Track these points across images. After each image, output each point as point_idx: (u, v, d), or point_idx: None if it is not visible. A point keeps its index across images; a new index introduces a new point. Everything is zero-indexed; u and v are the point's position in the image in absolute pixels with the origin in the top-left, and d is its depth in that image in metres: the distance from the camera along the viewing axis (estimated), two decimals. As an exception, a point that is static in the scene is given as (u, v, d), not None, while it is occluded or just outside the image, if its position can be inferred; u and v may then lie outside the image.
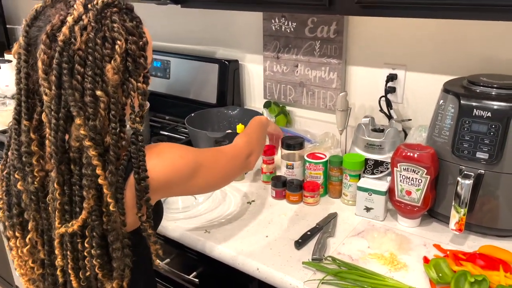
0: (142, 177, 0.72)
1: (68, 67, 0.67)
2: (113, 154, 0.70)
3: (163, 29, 1.93)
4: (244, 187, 1.33)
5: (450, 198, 1.02)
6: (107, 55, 0.69)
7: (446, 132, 1.04)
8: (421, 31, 1.28)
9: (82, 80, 0.68)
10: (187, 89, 1.81)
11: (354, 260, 0.97)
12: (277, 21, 1.53)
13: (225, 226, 1.13)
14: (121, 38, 0.69)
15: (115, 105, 0.70)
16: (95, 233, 0.70)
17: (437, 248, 1.00)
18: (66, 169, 0.70)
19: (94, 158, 0.68)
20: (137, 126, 0.73)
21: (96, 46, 0.68)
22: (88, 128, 0.68)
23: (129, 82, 0.71)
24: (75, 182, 0.70)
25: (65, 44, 0.67)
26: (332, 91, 1.48)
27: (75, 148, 0.69)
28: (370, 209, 1.13)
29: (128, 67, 0.71)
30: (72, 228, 0.70)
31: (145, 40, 0.73)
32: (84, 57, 0.67)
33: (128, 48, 0.71)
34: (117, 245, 0.72)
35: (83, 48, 0.67)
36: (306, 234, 1.06)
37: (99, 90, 0.68)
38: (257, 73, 1.69)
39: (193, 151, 0.84)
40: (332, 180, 1.24)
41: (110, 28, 0.69)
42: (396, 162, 1.07)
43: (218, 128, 1.62)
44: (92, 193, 0.69)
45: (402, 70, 1.34)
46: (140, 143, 0.73)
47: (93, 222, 0.70)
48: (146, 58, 0.74)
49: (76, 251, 0.72)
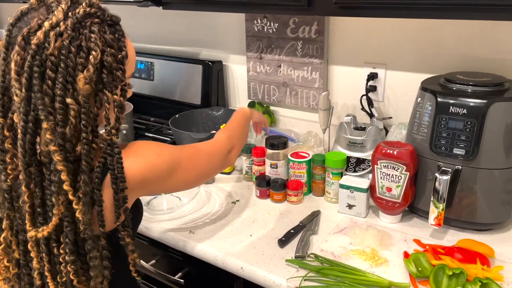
0: (120, 188, 0.72)
1: (39, 71, 0.67)
2: (85, 163, 0.70)
3: (146, 31, 1.92)
4: (229, 186, 1.33)
5: (429, 194, 1.05)
6: (80, 64, 0.68)
7: (424, 129, 1.06)
8: (400, 31, 1.30)
9: (53, 86, 0.67)
10: (171, 90, 1.81)
11: (337, 257, 0.99)
12: (259, 21, 1.54)
13: (209, 226, 1.14)
14: (96, 48, 0.69)
15: (85, 114, 0.69)
16: (68, 240, 0.70)
17: (417, 243, 1.02)
18: (37, 172, 0.70)
19: (59, 163, 0.68)
20: (112, 138, 0.72)
21: (70, 54, 0.68)
22: (56, 134, 0.67)
23: (103, 93, 0.71)
24: (46, 186, 0.70)
25: (38, 48, 0.67)
26: (315, 91, 1.50)
27: (45, 152, 0.69)
28: (352, 206, 1.14)
29: (103, 78, 0.71)
30: (42, 233, 0.69)
31: (124, 53, 0.73)
32: (56, 63, 0.67)
33: (104, 59, 0.70)
34: (94, 253, 0.72)
35: (56, 54, 0.67)
36: (289, 232, 1.07)
37: (70, 98, 0.68)
38: (240, 73, 1.70)
39: (170, 148, 0.84)
40: (316, 179, 1.25)
41: (87, 38, 0.69)
42: (376, 159, 1.09)
43: (203, 129, 1.63)
44: (61, 200, 0.69)
45: (382, 69, 1.36)
46: (117, 155, 0.73)
47: (65, 229, 0.70)
48: (124, 72, 0.73)
49: (52, 254, 0.72)
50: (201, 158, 0.91)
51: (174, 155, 0.83)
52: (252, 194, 1.29)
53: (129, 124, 1.54)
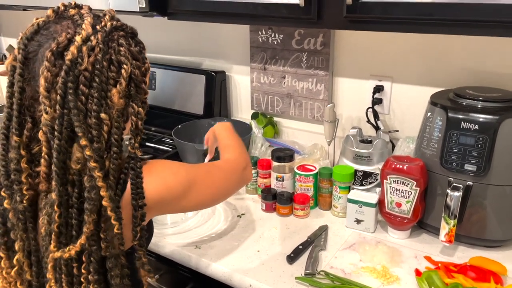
0: (140, 204, 0.71)
1: (73, 87, 0.66)
2: (112, 179, 0.68)
3: (149, 40, 1.89)
4: (232, 199, 1.32)
5: (439, 209, 1.04)
6: (112, 78, 0.68)
7: (434, 144, 1.05)
8: (407, 44, 1.30)
9: (86, 101, 0.67)
10: (173, 100, 1.79)
11: (347, 274, 0.97)
12: (264, 33, 1.53)
13: (215, 241, 1.11)
14: (127, 62, 0.69)
15: (118, 129, 0.69)
16: (93, 259, 0.69)
17: (428, 260, 1.01)
18: (64, 191, 0.68)
19: (99, 180, 0.66)
20: (136, 152, 0.72)
21: (103, 68, 0.67)
22: (92, 150, 0.66)
23: (131, 106, 0.71)
24: (73, 204, 0.68)
25: (72, 63, 0.66)
26: (320, 102, 1.49)
27: (75, 170, 0.68)
28: (361, 221, 1.13)
29: (130, 91, 0.71)
30: (69, 253, 0.68)
31: (147, 66, 0.74)
32: (90, 78, 0.66)
33: (132, 72, 0.70)
34: (116, 271, 0.70)
35: (90, 69, 0.66)
36: (298, 248, 1.06)
37: (103, 113, 0.67)
38: (244, 84, 1.68)
39: (186, 168, 0.83)
40: (322, 192, 1.24)
41: (117, 52, 0.69)
42: (385, 174, 1.08)
43: (206, 139, 1.61)
44: (93, 218, 0.67)
45: (388, 81, 1.35)
46: (139, 169, 0.71)
47: (91, 247, 0.68)
48: (146, 84, 0.74)
49: (71, 275, 0.70)
50: (218, 176, 0.89)
51: (190, 175, 0.81)
52: (258, 207, 1.27)
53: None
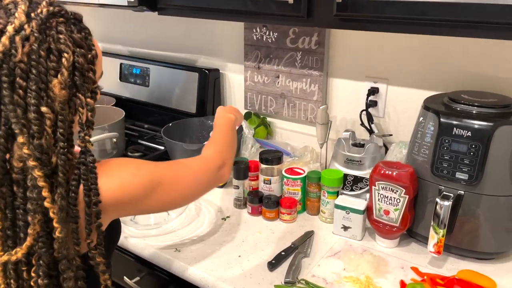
0: (94, 201, 0.67)
1: (9, 81, 0.61)
2: (62, 176, 0.65)
3: (143, 35, 1.88)
4: (220, 201, 1.28)
5: (429, 218, 0.99)
6: (52, 69, 0.63)
7: (425, 151, 1.01)
8: (404, 45, 1.25)
9: (25, 95, 0.62)
10: (166, 97, 1.76)
11: (329, 284, 0.93)
12: (259, 30, 1.49)
13: (197, 244, 1.08)
14: (68, 50, 0.64)
15: (62, 122, 0.64)
16: (42, 261, 0.65)
17: (415, 271, 0.96)
18: (8, 191, 0.65)
19: (40, 180, 0.63)
20: (87, 145, 0.68)
21: (40, 58, 0.62)
22: (32, 147, 0.63)
23: (77, 97, 0.66)
24: (18, 205, 0.65)
25: (5, 55, 0.61)
26: (313, 103, 1.44)
27: (18, 168, 0.64)
28: (348, 228, 1.09)
29: (75, 81, 0.66)
30: (16, 256, 0.64)
31: (94, 53, 0.69)
32: (26, 70, 0.62)
33: (75, 61, 0.65)
34: (69, 274, 0.66)
35: (25, 61, 0.62)
36: (280, 254, 1.02)
37: (44, 106, 0.63)
38: (238, 83, 1.65)
39: (149, 167, 0.77)
40: (310, 197, 1.20)
41: (56, 40, 0.64)
42: (374, 180, 1.04)
43: (197, 138, 1.57)
44: (38, 218, 0.64)
45: (384, 84, 1.31)
46: (91, 163, 0.67)
47: (40, 250, 0.65)
48: (95, 72, 0.69)
49: (21, 279, 0.66)
50: (186, 177, 0.83)
51: (153, 175, 0.76)
52: (244, 210, 1.23)
53: (120, 131, 1.49)
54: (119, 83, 1.90)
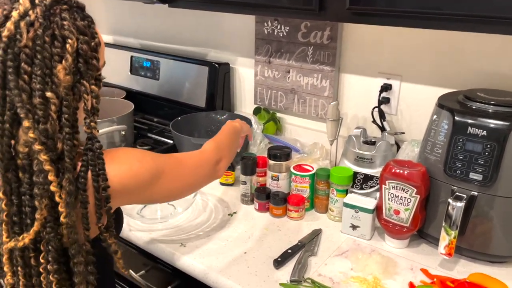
0: (103, 186, 0.68)
1: (14, 66, 0.62)
2: (69, 161, 0.65)
3: (153, 28, 1.87)
4: (227, 197, 1.27)
5: (440, 219, 0.96)
6: (56, 54, 0.64)
7: (438, 150, 0.98)
8: (418, 41, 1.22)
9: (30, 80, 0.62)
10: (176, 91, 1.75)
11: (335, 283, 0.91)
12: (270, 24, 1.47)
13: (202, 239, 1.07)
14: (72, 36, 0.65)
15: (67, 108, 0.65)
16: (51, 247, 0.65)
17: (425, 273, 0.94)
18: (14, 177, 0.65)
19: (46, 163, 0.63)
20: (93, 132, 0.68)
21: (45, 44, 0.63)
22: (38, 131, 0.63)
23: (81, 84, 0.67)
24: (25, 191, 0.64)
25: (10, 40, 0.62)
26: (324, 99, 1.42)
27: (24, 154, 0.64)
28: (356, 227, 1.07)
29: (79, 68, 0.66)
30: (23, 242, 0.64)
31: (97, 40, 0.69)
32: (31, 55, 0.62)
33: (79, 48, 0.66)
34: (79, 259, 0.66)
35: (30, 46, 0.62)
36: (286, 252, 1.00)
37: (49, 91, 0.63)
38: (248, 77, 1.63)
39: (153, 156, 0.79)
40: (319, 194, 1.18)
41: (60, 26, 0.64)
42: (384, 179, 1.01)
43: (205, 133, 1.56)
44: (45, 203, 0.63)
45: (397, 80, 1.28)
46: (98, 149, 0.68)
47: (48, 235, 0.65)
48: (98, 60, 0.69)
49: (28, 266, 0.66)
50: (186, 168, 0.85)
51: (157, 163, 0.78)
52: (251, 206, 1.22)
53: (129, 124, 1.49)
54: (130, 76, 1.89)
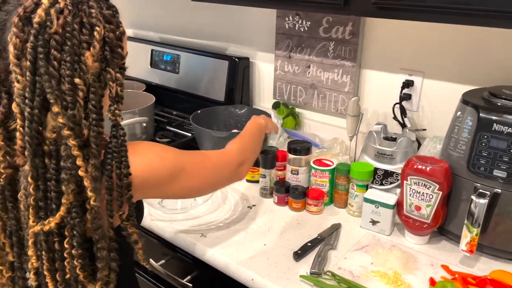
0: (125, 173, 0.69)
1: (44, 52, 0.63)
2: (95, 147, 0.66)
3: (175, 22, 1.89)
4: (246, 190, 1.28)
5: (462, 216, 0.96)
6: (85, 42, 0.65)
7: (462, 146, 0.97)
8: (442, 37, 1.21)
9: (59, 67, 0.63)
10: (196, 84, 1.76)
11: (355, 277, 0.91)
12: (291, 19, 1.47)
13: (222, 230, 1.08)
14: (99, 24, 0.66)
15: (94, 94, 0.66)
16: (76, 232, 0.66)
17: (445, 270, 0.94)
18: (40, 163, 0.66)
19: (74, 148, 0.64)
20: (117, 119, 0.69)
21: (74, 31, 0.64)
22: (66, 117, 0.64)
23: (107, 71, 0.68)
24: (51, 177, 0.65)
25: (41, 27, 0.63)
26: (344, 95, 1.42)
27: (51, 139, 0.65)
28: (376, 222, 1.07)
29: (106, 56, 0.67)
30: (49, 225, 0.65)
31: (122, 29, 0.70)
32: (61, 42, 0.63)
33: (106, 36, 0.67)
34: (102, 244, 0.68)
35: (60, 32, 0.63)
36: (306, 245, 1.01)
37: (78, 77, 0.64)
38: (267, 72, 1.63)
39: (175, 153, 0.79)
40: (338, 189, 1.18)
41: (88, 14, 0.65)
42: (406, 174, 1.01)
43: (224, 126, 1.57)
44: (71, 188, 0.65)
45: (419, 76, 1.27)
46: (122, 137, 0.69)
47: (73, 220, 0.66)
48: (122, 48, 0.70)
49: (52, 251, 0.68)
50: (208, 167, 0.85)
51: (178, 160, 0.78)
52: (270, 200, 1.23)
53: (150, 116, 1.50)
54: (150, 69, 1.91)
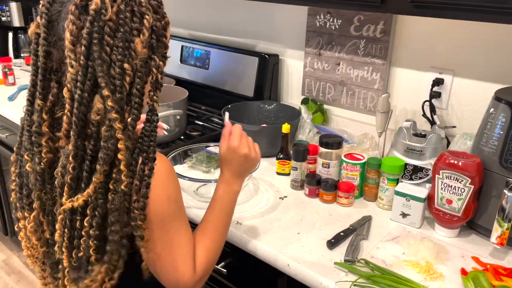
0: (150, 157, 0.72)
1: (98, 37, 0.66)
2: (132, 129, 0.69)
3: (205, 19, 1.94)
4: (277, 181, 1.32)
5: (492, 211, 0.99)
6: (135, 29, 0.69)
7: (494, 142, 1.00)
8: (473, 35, 1.23)
9: (111, 52, 0.67)
10: (225, 80, 1.81)
11: (388, 265, 0.95)
12: (322, 17, 1.50)
13: (256, 219, 1.12)
14: (148, 13, 0.70)
15: (140, 79, 0.69)
16: (97, 212, 0.69)
17: (476, 261, 0.96)
18: (81, 145, 0.69)
19: (119, 132, 0.67)
20: (154, 105, 0.73)
21: (126, 19, 0.68)
22: (114, 100, 0.67)
23: (152, 59, 0.71)
24: (87, 157, 0.69)
25: (96, 13, 0.66)
26: (374, 92, 1.45)
27: (95, 121, 0.68)
28: (407, 215, 1.10)
29: (152, 44, 0.71)
30: (78, 202, 0.69)
31: (167, 20, 0.74)
32: (114, 28, 0.67)
33: (153, 24, 0.71)
34: (116, 227, 0.70)
35: (114, 19, 0.67)
36: (339, 234, 1.04)
37: (127, 63, 0.68)
38: (296, 69, 1.67)
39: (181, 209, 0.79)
40: (369, 183, 1.21)
41: (138, 3, 0.69)
42: (438, 168, 1.04)
43: (253, 121, 1.62)
44: (105, 168, 0.68)
45: (449, 75, 1.29)
46: (155, 122, 0.73)
47: (97, 201, 0.69)
48: (167, 38, 0.74)
49: (73, 229, 0.71)
50: (176, 256, 0.78)
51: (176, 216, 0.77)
52: (300, 192, 1.26)
53: (183, 110, 1.55)
54: (180, 65, 1.97)
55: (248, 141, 0.94)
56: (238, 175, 0.93)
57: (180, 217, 0.79)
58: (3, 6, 2.46)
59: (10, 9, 2.45)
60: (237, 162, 0.92)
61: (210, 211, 0.91)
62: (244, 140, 0.93)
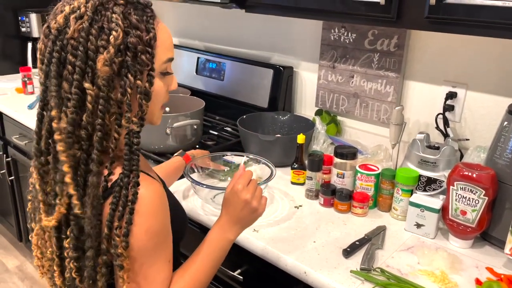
0: (133, 181, 0.68)
1: (58, 57, 0.65)
2: (96, 152, 0.67)
3: (220, 32, 1.98)
4: (292, 191, 1.34)
5: (506, 222, 1.00)
6: (102, 46, 0.65)
7: (508, 155, 1.02)
8: (486, 50, 1.26)
9: (73, 71, 0.65)
10: (239, 91, 1.85)
11: (403, 274, 0.96)
12: (337, 31, 1.54)
13: (273, 227, 1.15)
14: (117, 28, 0.65)
15: (104, 99, 0.66)
16: (73, 234, 0.68)
17: (490, 272, 0.98)
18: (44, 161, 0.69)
19: (62, 154, 0.65)
20: (131, 126, 0.68)
21: (90, 36, 0.65)
22: (66, 121, 0.65)
23: (127, 78, 0.67)
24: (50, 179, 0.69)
25: (59, 32, 0.66)
26: (387, 104, 1.47)
27: None
28: (421, 226, 1.11)
29: (126, 61, 0.67)
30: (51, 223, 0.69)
31: (152, 35, 0.68)
32: (76, 46, 0.65)
33: (128, 41, 0.66)
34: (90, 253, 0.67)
35: (76, 37, 0.65)
36: (354, 243, 1.06)
37: (88, 82, 0.65)
38: (310, 81, 1.70)
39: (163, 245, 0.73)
40: (383, 193, 1.23)
41: (109, 19, 0.66)
42: (453, 180, 1.06)
43: (268, 132, 1.65)
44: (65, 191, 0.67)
45: (462, 88, 1.32)
46: (135, 145, 0.68)
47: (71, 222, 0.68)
48: (151, 55, 0.69)
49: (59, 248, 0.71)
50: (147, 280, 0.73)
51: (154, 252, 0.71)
52: (315, 201, 1.29)
53: (200, 120, 1.59)
54: (195, 76, 2.01)
55: (256, 190, 0.86)
56: (235, 222, 0.85)
57: (158, 252, 0.73)
58: (23, 17, 2.54)
59: (30, 20, 2.52)
60: (236, 206, 0.85)
61: (196, 252, 0.84)
62: (252, 187, 0.86)
